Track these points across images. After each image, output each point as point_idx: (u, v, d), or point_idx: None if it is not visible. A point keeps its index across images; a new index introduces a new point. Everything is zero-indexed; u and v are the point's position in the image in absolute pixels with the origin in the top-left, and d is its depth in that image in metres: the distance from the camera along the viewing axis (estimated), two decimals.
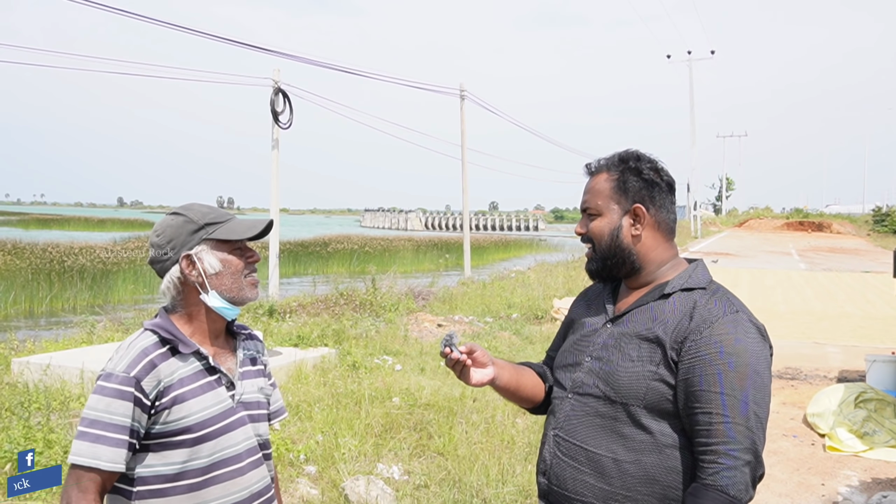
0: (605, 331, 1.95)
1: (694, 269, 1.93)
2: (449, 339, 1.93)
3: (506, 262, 33.54)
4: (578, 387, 1.93)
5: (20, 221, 65.43)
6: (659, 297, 1.89)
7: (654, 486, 1.79)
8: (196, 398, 1.82)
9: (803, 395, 7.71)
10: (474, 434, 5.64)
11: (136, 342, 1.83)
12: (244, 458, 1.89)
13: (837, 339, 11.51)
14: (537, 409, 2.18)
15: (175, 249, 1.86)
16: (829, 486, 5.28)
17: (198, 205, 1.95)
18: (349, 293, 13.02)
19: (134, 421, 1.75)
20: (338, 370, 7.67)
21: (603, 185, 1.96)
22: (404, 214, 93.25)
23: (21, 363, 7.16)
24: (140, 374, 1.76)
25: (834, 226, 54.10)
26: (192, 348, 1.85)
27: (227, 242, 1.89)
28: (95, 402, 1.75)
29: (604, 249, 1.96)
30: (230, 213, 1.95)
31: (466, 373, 1.96)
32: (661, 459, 1.79)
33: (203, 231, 1.88)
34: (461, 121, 21.09)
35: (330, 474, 4.87)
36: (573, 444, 1.89)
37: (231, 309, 1.91)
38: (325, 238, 33.03)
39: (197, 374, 1.85)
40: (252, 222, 1.94)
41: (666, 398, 1.78)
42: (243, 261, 1.92)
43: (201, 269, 1.86)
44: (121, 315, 12.52)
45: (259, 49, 14.16)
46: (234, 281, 1.90)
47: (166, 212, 2.02)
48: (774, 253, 33.06)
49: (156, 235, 1.90)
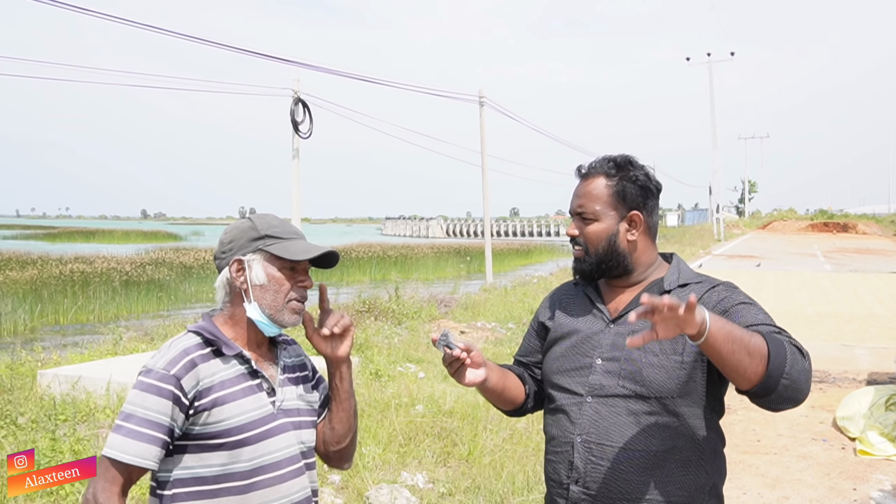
0: (608, 331, 2.00)
1: (679, 265, 2.07)
2: (445, 338, 1.95)
3: (527, 267, 33.47)
4: (598, 389, 1.96)
5: (46, 235, 66.28)
6: (660, 293, 1.98)
7: (688, 468, 1.90)
8: (237, 401, 1.81)
9: (832, 399, 7.59)
10: (499, 441, 5.61)
11: (177, 342, 1.83)
12: (284, 466, 1.87)
13: (866, 340, 11.33)
14: (515, 412, 2.23)
15: (233, 251, 1.89)
16: (860, 491, 5.19)
17: (271, 216, 1.96)
18: (371, 301, 13.04)
19: (171, 419, 1.74)
20: (361, 378, 7.67)
21: (601, 190, 2.02)
22: (425, 222, 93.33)
23: (47, 375, 7.22)
24: (180, 373, 1.75)
25: (859, 226, 53.41)
26: (234, 350, 1.85)
27: (280, 259, 1.88)
28: (133, 397, 1.75)
29: (599, 253, 2.02)
30: (299, 232, 1.94)
31: (461, 372, 1.97)
32: (693, 441, 1.90)
33: (261, 241, 1.88)
34: (481, 127, 21.08)
35: (354, 483, 4.85)
36: (608, 446, 1.92)
37: (269, 325, 1.89)
38: (347, 246, 33.15)
39: (238, 378, 1.84)
40: (311, 246, 1.92)
41: (701, 372, 1.89)
42: (291, 283, 1.90)
43: (248, 277, 1.87)
44: (147, 325, 12.63)
45: (279, 60, 14.28)
46: (276, 300, 1.88)
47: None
48: (799, 255, 32.69)
49: (224, 233, 1.94)
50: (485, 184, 20.95)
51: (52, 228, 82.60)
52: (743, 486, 5.24)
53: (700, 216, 79.48)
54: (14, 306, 16.11)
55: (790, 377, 1.68)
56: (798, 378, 1.69)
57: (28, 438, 5.35)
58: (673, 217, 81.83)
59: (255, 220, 1.93)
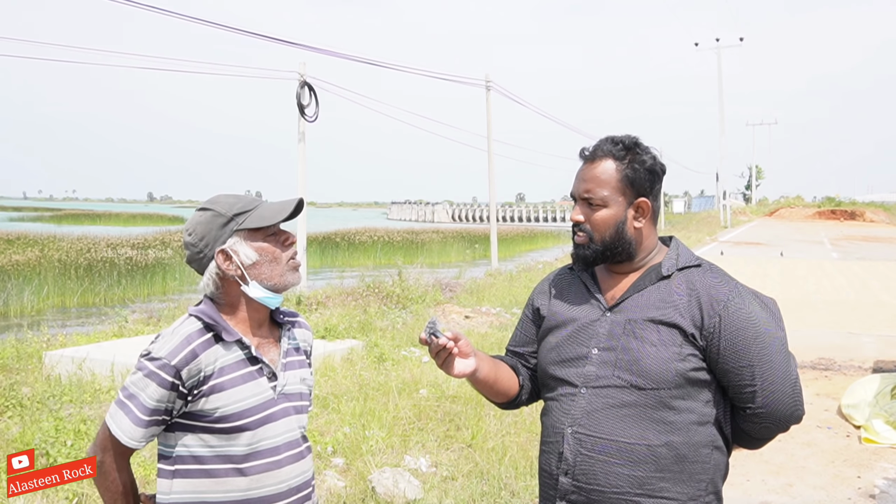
0: (605, 320, 1.94)
1: (678, 248, 2.01)
2: (432, 326, 1.86)
3: (533, 253, 33.44)
4: (593, 380, 1.90)
5: (52, 217, 66.39)
6: (657, 279, 1.94)
7: (683, 464, 1.84)
8: (235, 388, 1.81)
9: (837, 386, 7.57)
10: (502, 426, 5.61)
11: (180, 328, 1.82)
12: (282, 451, 1.87)
13: (872, 328, 11.29)
14: (508, 405, 2.16)
15: (209, 246, 1.84)
16: (865, 479, 5.17)
17: (223, 196, 1.91)
18: (376, 285, 13.03)
19: (168, 403, 1.77)
20: (365, 362, 7.68)
21: (610, 174, 1.94)
22: (431, 207, 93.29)
23: (53, 356, 7.25)
24: (180, 364, 1.76)
25: (867, 214, 53.22)
26: (234, 336, 1.84)
27: (260, 230, 1.86)
28: (137, 380, 1.78)
29: (606, 240, 1.95)
30: (258, 199, 1.91)
31: (450, 362, 1.90)
32: (688, 436, 1.85)
33: (233, 222, 1.84)
34: (487, 112, 20.99)
35: (357, 466, 4.86)
36: (599, 438, 1.86)
37: (273, 297, 1.88)
38: (352, 231, 33.15)
39: (238, 364, 1.84)
40: (281, 204, 1.89)
41: (697, 369, 1.86)
42: (279, 246, 1.88)
43: (238, 262, 1.84)
44: (152, 307, 12.65)
45: (285, 42, 14.23)
46: (274, 268, 1.87)
47: (196, 206, 2.00)
48: (806, 242, 32.58)
49: (188, 234, 1.87)
50: (491, 169, 20.88)
51: (59, 211, 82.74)
52: (747, 472, 5.23)
53: (706, 203, 79.27)
54: (20, 288, 16.17)
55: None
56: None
57: (33, 418, 5.37)
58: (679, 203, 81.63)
59: (214, 206, 1.87)
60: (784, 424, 1.94)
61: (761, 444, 2.03)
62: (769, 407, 1.88)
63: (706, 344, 1.86)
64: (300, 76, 13.38)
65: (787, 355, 1.91)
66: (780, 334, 1.92)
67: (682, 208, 78.88)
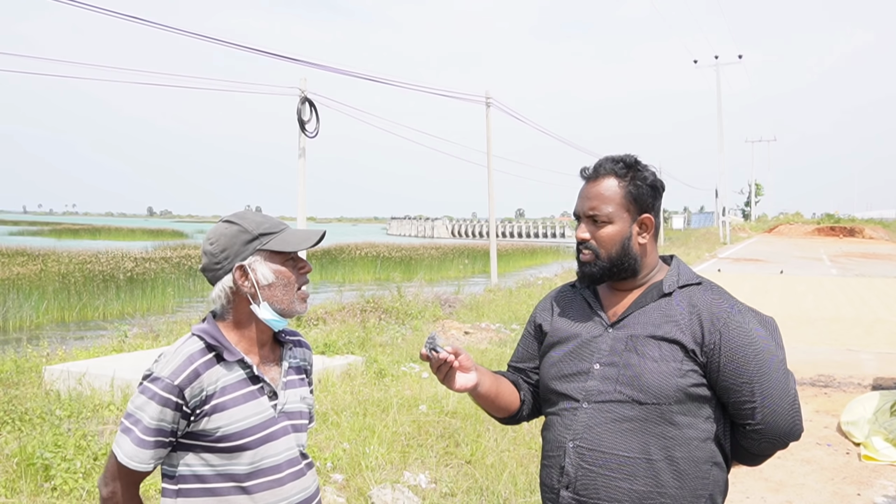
0: (607, 336, 1.97)
1: (678, 266, 2.04)
2: (433, 342, 1.89)
3: (532, 269, 33.42)
4: (595, 395, 1.92)
5: (52, 231, 66.45)
6: (658, 296, 1.96)
7: (683, 479, 1.86)
8: (237, 407, 1.82)
9: (837, 403, 7.57)
10: (502, 442, 5.60)
11: (182, 348, 1.83)
12: (284, 469, 1.88)
13: (871, 345, 11.28)
14: (509, 420, 2.18)
15: (229, 259, 1.85)
16: (865, 497, 5.17)
17: (251, 213, 1.93)
18: (375, 300, 13.03)
19: (172, 423, 1.77)
20: (364, 378, 7.67)
21: (614, 191, 1.97)
22: (430, 222, 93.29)
23: (52, 371, 7.24)
24: (183, 383, 1.77)
25: (866, 231, 53.25)
26: (236, 356, 1.84)
27: (281, 254, 1.87)
28: (141, 403, 1.78)
29: (613, 257, 1.97)
30: (284, 222, 1.93)
31: (451, 376, 1.94)
32: (689, 451, 1.87)
33: (257, 241, 1.86)
34: (487, 128, 21.05)
35: (357, 482, 4.86)
36: (601, 452, 1.88)
37: (280, 321, 1.90)
38: (352, 246, 33.15)
39: (240, 383, 1.84)
40: (306, 233, 1.91)
41: (698, 385, 1.88)
42: (295, 273, 1.90)
43: (254, 280, 1.85)
44: (152, 322, 12.64)
45: (287, 58, 14.28)
46: (286, 293, 1.88)
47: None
48: (805, 259, 32.58)
49: (209, 243, 1.88)
50: (490, 184, 20.92)
51: (59, 225, 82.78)
52: (746, 489, 5.23)
53: (706, 219, 79.28)
54: (20, 302, 16.15)
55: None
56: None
57: (33, 433, 5.36)
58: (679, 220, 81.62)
59: (241, 221, 1.88)
60: (783, 441, 1.95)
61: (761, 460, 2.05)
62: (768, 424, 1.90)
63: (707, 360, 1.88)
64: (301, 92, 13.44)
65: (786, 373, 1.94)
66: (779, 352, 1.94)
67: (681, 224, 78.82)
